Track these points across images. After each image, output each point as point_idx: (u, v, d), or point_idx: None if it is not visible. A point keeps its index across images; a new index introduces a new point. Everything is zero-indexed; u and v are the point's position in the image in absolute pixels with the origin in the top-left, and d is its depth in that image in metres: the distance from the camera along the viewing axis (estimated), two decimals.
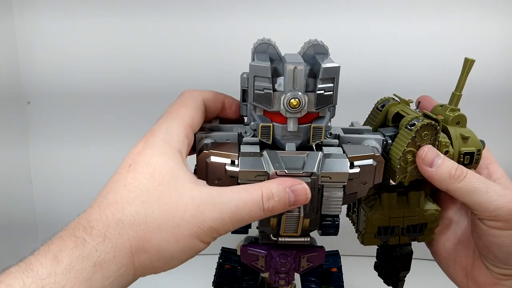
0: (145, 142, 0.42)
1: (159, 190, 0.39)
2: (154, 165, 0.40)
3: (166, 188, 0.39)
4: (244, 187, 0.42)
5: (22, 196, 0.89)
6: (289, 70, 0.44)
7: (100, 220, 0.37)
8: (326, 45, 0.49)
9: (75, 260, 0.35)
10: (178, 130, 0.44)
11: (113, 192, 0.39)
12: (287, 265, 0.54)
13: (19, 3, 0.82)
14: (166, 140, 0.42)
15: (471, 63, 0.53)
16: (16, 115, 0.86)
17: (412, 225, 0.55)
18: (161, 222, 0.38)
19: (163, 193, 0.39)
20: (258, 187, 0.41)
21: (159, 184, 0.39)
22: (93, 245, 0.36)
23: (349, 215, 0.61)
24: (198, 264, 0.92)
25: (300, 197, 0.43)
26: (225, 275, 0.58)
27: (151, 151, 0.41)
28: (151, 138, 0.43)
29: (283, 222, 0.48)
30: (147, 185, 0.39)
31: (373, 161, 0.49)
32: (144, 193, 0.39)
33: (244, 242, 0.57)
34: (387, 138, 0.53)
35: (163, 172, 0.40)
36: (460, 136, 0.52)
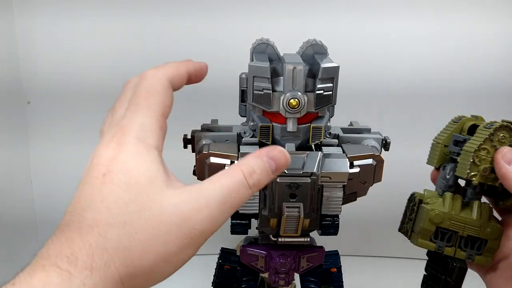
0: (117, 143, 0.37)
1: (138, 203, 0.35)
2: (130, 172, 0.36)
3: (145, 198, 0.35)
4: (222, 172, 0.38)
5: (22, 196, 0.89)
6: (288, 70, 0.44)
7: (84, 250, 0.33)
8: (325, 45, 0.49)
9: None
10: (151, 124, 0.39)
11: (90, 209, 0.35)
12: (287, 265, 0.54)
13: (19, 3, 0.82)
14: (141, 137, 0.38)
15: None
16: (16, 115, 0.86)
17: (471, 238, 0.51)
18: (146, 244, 0.35)
19: (143, 207, 0.35)
20: (237, 167, 0.38)
21: (137, 195, 0.35)
22: (80, 279, 0.32)
23: (403, 228, 0.56)
24: (198, 264, 0.93)
25: (280, 161, 0.39)
26: (224, 275, 0.58)
27: (125, 155, 0.37)
28: (123, 137, 0.38)
29: (283, 223, 0.48)
30: (125, 199, 0.35)
31: (373, 161, 0.49)
32: (123, 209, 0.35)
33: (244, 242, 0.57)
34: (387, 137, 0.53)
35: (140, 180, 0.36)
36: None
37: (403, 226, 0.56)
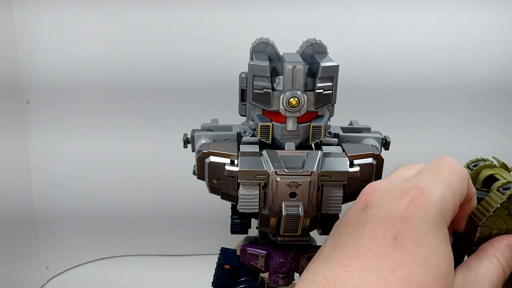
0: (411, 201, 0.30)
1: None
2: (429, 249, 0.29)
3: (440, 286, 0.29)
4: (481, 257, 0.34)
5: (22, 196, 0.89)
6: (288, 69, 0.44)
7: None
8: (325, 44, 0.49)
9: None
10: (450, 201, 0.32)
11: (377, 279, 0.27)
12: (287, 265, 0.54)
13: (19, 3, 0.82)
14: (441, 210, 0.31)
15: None
16: (16, 115, 0.86)
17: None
18: None
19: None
20: (493, 256, 0.34)
21: (435, 280, 0.28)
22: None
23: None
24: (198, 264, 0.93)
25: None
26: (224, 275, 0.58)
27: (422, 223, 0.29)
28: (420, 197, 0.30)
29: (283, 222, 0.48)
30: (420, 278, 0.28)
31: (373, 160, 0.48)
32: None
33: (244, 242, 0.57)
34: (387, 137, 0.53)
35: (440, 262, 0.29)
36: None
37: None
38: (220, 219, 0.67)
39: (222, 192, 0.49)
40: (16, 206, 0.87)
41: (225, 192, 0.49)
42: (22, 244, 0.88)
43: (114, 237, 0.96)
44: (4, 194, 0.83)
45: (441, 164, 0.34)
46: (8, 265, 0.84)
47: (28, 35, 0.83)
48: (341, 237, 0.30)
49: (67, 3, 0.82)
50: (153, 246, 0.96)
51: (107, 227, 0.95)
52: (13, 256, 0.86)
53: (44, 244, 0.93)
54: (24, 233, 0.89)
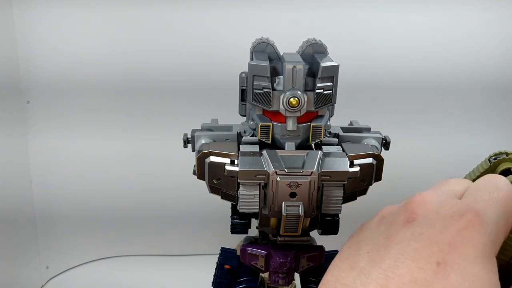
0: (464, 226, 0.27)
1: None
2: (474, 279, 0.26)
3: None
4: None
5: (22, 196, 0.89)
6: (288, 69, 0.44)
7: None
8: (325, 44, 0.49)
9: None
10: (502, 231, 0.29)
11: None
12: (287, 265, 0.54)
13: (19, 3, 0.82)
14: (493, 237, 0.28)
15: None
16: (16, 115, 0.86)
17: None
18: None
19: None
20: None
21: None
22: None
23: None
24: (198, 264, 0.93)
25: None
26: (224, 275, 0.58)
27: (472, 251, 0.27)
28: (473, 221, 0.28)
29: (283, 222, 0.48)
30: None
31: (373, 160, 0.48)
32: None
33: (244, 242, 0.57)
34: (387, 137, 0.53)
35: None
36: None
37: None
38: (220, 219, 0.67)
39: (222, 192, 0.49)
40: (16, 206, 0.87)
41: (225, 192, 0.49)
42: (22, 244, 0.88)
43: (114, 237, 0.96)
44: (4, 194, 0.83)
45: (498, 185, 0.31)
46: (8, 265, 0.84)
47: (28, 34, 0.83)
48: (380, 250, 0.28)
49: (67, 2, 0.82)
50: (153, 246, 0.96)
51: (107, 227, 0.95)
52: (13, 256, 0.86)
53: (44, 244, 0.93)
54: (24, 233, 0.89)
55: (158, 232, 0.95)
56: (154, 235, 0.95)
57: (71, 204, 0.91)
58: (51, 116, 0.88)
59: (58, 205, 0.91)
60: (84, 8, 0.83)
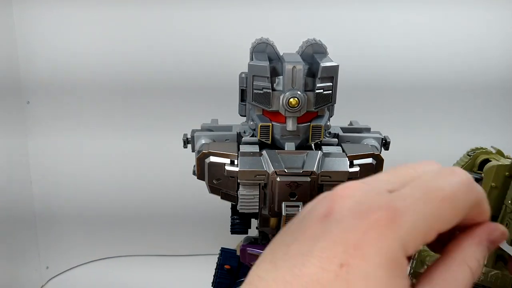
0: (372, 225, 0.25)
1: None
2: (376, 286, 0.25)
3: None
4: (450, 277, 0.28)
5: (22, 196, 0.89)
6: (288, 69, 0.44)
7: None
8: (325, 44, 0.49)
9: None
10: (419, 235, 0.27)
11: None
12: None
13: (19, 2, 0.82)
14: (405, 243, 0.26)
15: None
16: (16, 115, 0.86)
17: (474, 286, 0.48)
18: None
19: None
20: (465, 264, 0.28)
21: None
22: None
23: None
24: (198, 264, 0.93)
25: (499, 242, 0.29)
26: (224, 275, 0.58)
27: (376, 255, 0.25)
28: (384, 222, 0.26)
29: (283, 222, 0.48)
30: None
31: (373, 160, 0.48)
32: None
33: (244, 242, 0.57)
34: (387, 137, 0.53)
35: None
36: None
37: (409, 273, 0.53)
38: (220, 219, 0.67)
39: (222, 192, 0.49)
40: (16, 206, 0.87)
41: (225, 192, 0.49)
42: (22, 244, 0.88)
43: (114, 237, 0.96)
44: (4, 194, 0.83)
45: (442, 185, 0.27)
46: (8, 265, 0.84)
47: (28, 35, 0.83)
48: (293, 244, 0.27)
49: (67, 2, 0.82)
50: (153, 246, 0.96)
51: (107, 227, 0.94)
52: (13, 256, 0.86)
53: (44, 244, 0.93)
54: (24, 233, 0.89)
55: (158, 232, 0.95)
56: (154, 235, 0.95)
57: (71, 204, 0.91)
58: (51, 116, 0.88)
59: (58, 205, 0.91)
60: (84, 8, 0.83)
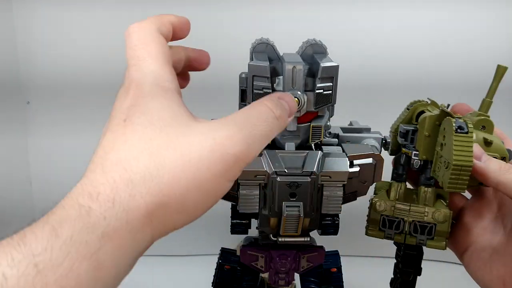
0: (133, 93, 0.36)
1: (164, 135, 0.33)
2: (151, 111, 0.34)
3: (172, 130, 0.34)
4: (247, 106, 0.38)
5: (22, 196, 0.89)
6: (288, 69, 0.44)
7: (108, 185, 0.31)
8: (325, 45, 0.49)
9: (77, 232, 0.29)
10: (161, 69, 0.37)
11: (113, 151, 0.33)
12: (287, 265, 0.54)
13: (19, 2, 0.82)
14: (156, 83, 0.36)
15: (504, 70, 0.51)
16: (16, 115, 0.86)
17: (420, 224, 0.53)
18: (176, 171, 0.32)
19: (170, 138, 0.33)
20: (259, 101, 0.38)
21: (161, 130, 0.33)
22: (100, 212, 0.30)
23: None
24: (198, 264, 0.93)
25: (291, 104, 0.40)
26: (224, 275, 0.58)
27: (144, 99, 0.35)
28: (137, 86, 0.36)
29: (283, 222, 0.48)
30: (149, 135, 0.33)
31: (373, 160, 0.49)
32: (148, 144, 0.33)
33: (244, 242, 0.57)
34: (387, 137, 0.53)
35: (164, 116, 0.34)
36: (483, 140, 0.50)
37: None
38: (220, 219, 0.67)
39: None
40: (16, 206, 0.87)
41: None
42: None
43: None
44: (4, 194, 0.83)
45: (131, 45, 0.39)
46: None
47: (28, 35, 0.83)
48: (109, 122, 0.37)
49: (67, 3, 0.82)
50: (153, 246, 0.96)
51: None
52: None
53: None
54: None
55: None
56: None
57: None
58: (51, 116, 0.88)
59: None
60: (84, 8, 0.83)
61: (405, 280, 0.57)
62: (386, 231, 0.54)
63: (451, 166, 0.45)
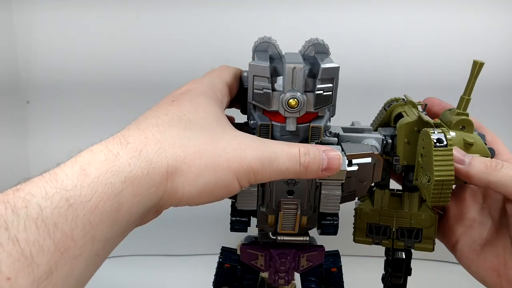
0: (189, 86, 0.43)
1: (202, 122, 0.39)
2: (198, 103, 0.40)
3: (208, 122, 0.39)
4: (283, 142, 0.42)
5: None
6: (288, 70, 0.44)
7: (138, 138, 0.36)
8: (327, 44, 0.49)
9: (104, 174, 0.33)
10: (220, 84, 0.45)
11: (152, 117, 0.38)
12: (287, 264, 0.54)
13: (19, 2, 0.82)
14: (211, 87, 0.44)
15: (480, 66, 0.49)
16: (16, 115, 0.86)
17: (406, 229, 0.53)
18: (202, 148, 0.37)
19: (206, 126, 0.39)
20: (295, 145, 0.41)
21: (202, 118, 0.39)
22: (126, 159, 0.34)
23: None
24: (198, 264, 0.93)
25: (333, 163, 0.42)
26: (225, 274, 0.58)
27: (195, 93, 0.42)
28: (194, 84, 0.43)
29: (280, 219, 0.48)
30: (190, 116, 0.39)
31: (372, 159, 0.49)
32: (187, 122, 0.38)
33: (244, 241, 0.57)
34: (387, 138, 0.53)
35: (207, 110, 0.40)
36: (463, 142, 0.49)
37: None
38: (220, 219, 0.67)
39: None
40: None
41: None
42: None
43: None
44: None
45: (213, 70, 0.48)
46: None
47: (28, 35, 0.83)
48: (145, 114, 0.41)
49: (66, 3, 0.82)
50: (153, 246, 0.96)
51: None
52: None
53: None
54: None
55: (158, 232, 0.95)
56: (154, 235, 0.95)
57: None
58: (51, 116, 0.88)
59: None
60: (84, 8, 0.83)
61: (396, 284, 0.57)
62: (373, 237, 0.54)
63: (433, 181, 0.45)
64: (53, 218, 0.30)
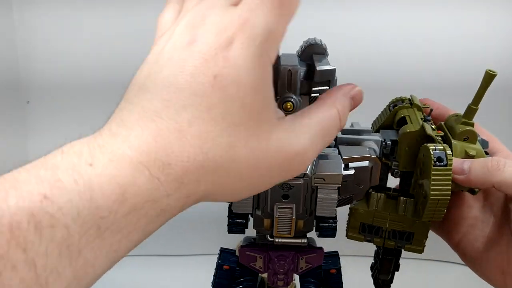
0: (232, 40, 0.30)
1: (248, 127, 0.31)
2: (247, 88, 0.30)
3: (255, 124, 0.31)
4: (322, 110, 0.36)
5: None
6: (284, 72, 0.44)
7: (180, 160, 0.29)
8: (325, 44, 0.49)
9: (141, 203, 0.29)
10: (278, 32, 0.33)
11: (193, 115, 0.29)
12: (286, 267, 0.54)
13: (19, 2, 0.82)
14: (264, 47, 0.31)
15: (492, 77, 0.47)
16: (16, 115, 0.86)
17: (398, 231, 0.53)
18: (245, 172, 0.31)
19: (251, 133, 0.31)
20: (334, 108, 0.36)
21: (249, 119, 0.31)
22: (165, 189, 0.29)
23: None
24: (198, 264, 0.93)
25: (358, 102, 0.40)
26: (224, 275, 0.58)
27: (242, 62, 0.30)
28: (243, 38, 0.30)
29: (276, 223, 0.48)
30: (235, 119, 0.30)
31: (369, 163, 0.48)
32: (232, 129, 0.30)
33: (243, 242, 0.57)
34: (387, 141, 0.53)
35: (255, 99, 0.31)
36: (465, 153, 0.48)
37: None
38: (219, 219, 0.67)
39: None
40: None
41: None
42: None
43: None
44: None
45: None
46: None
47: (28, 35, 0.83)
48: (163, 71, 0.31)
49: (66, 3, 0.82)
50: (153, 246, 0.96)
51: None
52: None
53: None
54: None
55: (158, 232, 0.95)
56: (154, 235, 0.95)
57: None
58: (51, 116, 0.88)
59: None
60: (84, 8, 0.83)
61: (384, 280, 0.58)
62: (365, 235, 0.54)
63: (429, 199, 0.45)
64: (79, 246, 0.26)
